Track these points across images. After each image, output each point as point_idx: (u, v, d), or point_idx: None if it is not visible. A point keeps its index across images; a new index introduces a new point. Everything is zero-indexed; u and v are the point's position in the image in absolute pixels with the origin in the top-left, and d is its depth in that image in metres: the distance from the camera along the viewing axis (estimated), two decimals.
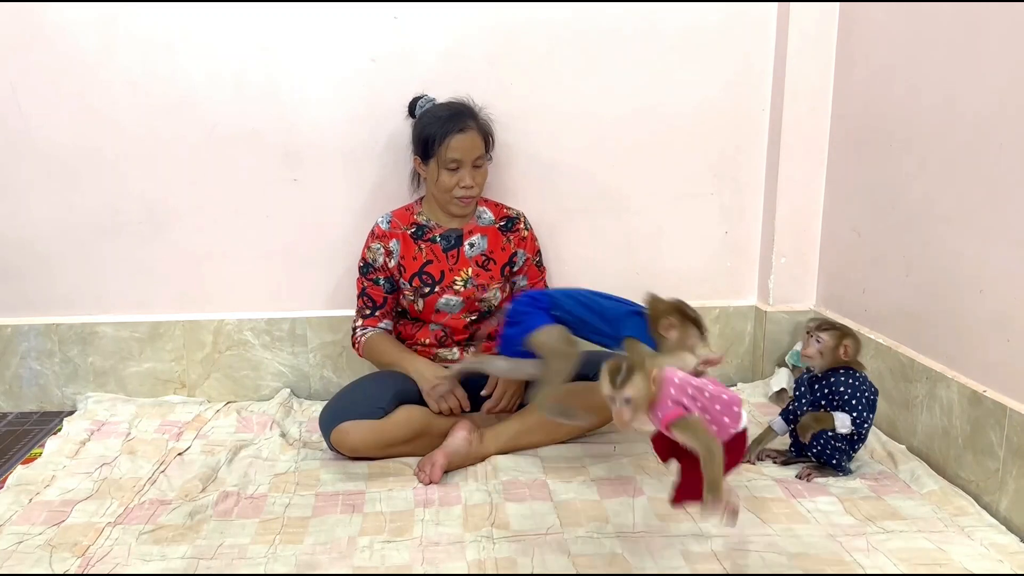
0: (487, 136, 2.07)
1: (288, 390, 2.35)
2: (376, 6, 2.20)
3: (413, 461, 1.90)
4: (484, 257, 2.10)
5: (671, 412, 1.34)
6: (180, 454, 1.98)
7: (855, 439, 1.82)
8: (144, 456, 1.96)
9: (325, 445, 1.94)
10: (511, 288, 2.18)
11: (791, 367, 2.34)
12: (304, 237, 2.33)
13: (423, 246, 2.08)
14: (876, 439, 1.99)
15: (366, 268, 2.10)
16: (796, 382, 1.93)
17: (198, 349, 2.35)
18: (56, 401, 2.35)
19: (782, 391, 2.26)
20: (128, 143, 2.23)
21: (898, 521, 1.64)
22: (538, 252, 2.22)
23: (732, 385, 2.43)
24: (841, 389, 1.80)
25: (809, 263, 2.42)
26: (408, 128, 2.14)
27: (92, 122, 2.21)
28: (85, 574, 1.48)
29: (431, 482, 1.81)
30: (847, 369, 1.83)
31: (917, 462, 1.86)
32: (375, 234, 2.10)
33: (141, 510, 1.71)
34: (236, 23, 2.18)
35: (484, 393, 2.02)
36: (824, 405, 1.82)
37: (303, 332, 2.36)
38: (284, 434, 2.09)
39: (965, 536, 1.58)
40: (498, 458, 1.90)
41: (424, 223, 2.10)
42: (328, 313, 2.36)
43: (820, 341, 1.84)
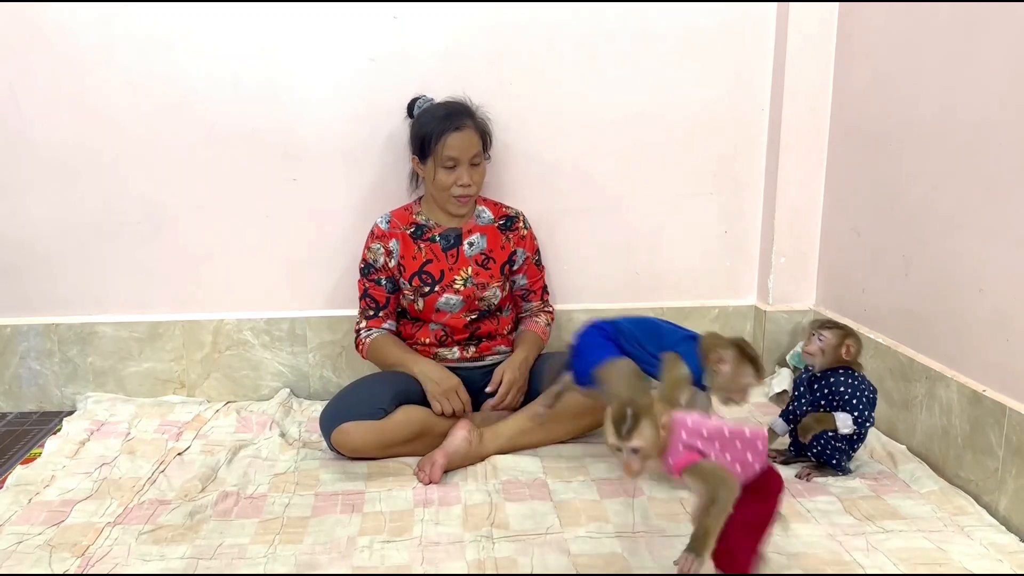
0: (484, 134, 2.07)
1: (288, 390, 2.35)
2: (375, 6, 2.20)
3: (413, 461, 1.90)
4: (484, 256, 2.10)
5: (683, 458, 1.23)
6: (180, 454, 1.98)
7: (855, 439, 1.82)
8: (144, 456, 1.96)
9: (325, 445, 1.94)
10: (511, 287, 2.18)
11: (792, 368, 2.34)
12: (303, 237, 2.33)
13: (423, 246, 2.08)
14: (876, 439, 1.99)
15: (367, 269, 2.10)
16: (795, 382, 1.93)
17: (197, 349, 2.35)
18: (55, 401, 2.35)
19: (783, 392, 2.26)
20: (127, 143, 2.23)
21: (898, 521, 1.64)
22: (537, 251, 2.22)
23: None
24: (841, 389, 1.80)
25: (808, 263, 2.42)
26: (407, 128, 2.14)
27: (91, 122, 2.21)
28: (85, 574, 1.48)
29: (431, 482, 1.81)
30: (846, 369, 1.82)
31: (917, 462, 1.87)
32: (375, 234, 2.10)
33: (141, 510, 1.71)
34: (235, 23, 2.18)
35: (489, 390, 2.02)
36: (824, 405, 1.82)
37: (303, 332, 2.36)
38: (284, 434, 2.09)
39: (965, 536, 1.58)
40: (498, 458, 1.90)
41: (423, 223, 2.10)
42: (328, 313, 2.36)
43: (822, 339, 1.84)
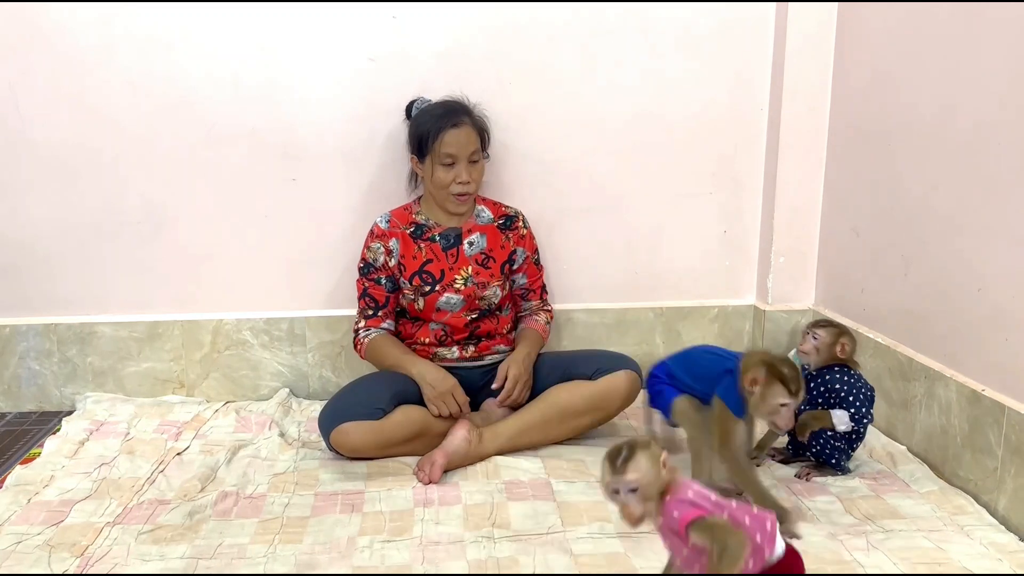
0: (482, 132, 2.07)
1: (287, 390, 2.35)
2: (374, 6, 2.20)
3: (412, 461, 1.90)
4: (484, 255, 2.10)
5: (690, 512, 1.14)
6: (179, 454, 1.98)
7: (854, 438, 1.82)
8: (143, 456, 1.96)
9: (324, 445, 1.94)
10: (511, 286, 2.18)
11: None
12: (303, 237, 2.32)
13: (422, 245, 2.08)
14: (875, 438, 1.99)
15: (367, 268, 2.10)
16: None
17: (197, 349, 2.35)
18: (55, 401, 2.35)
19: None
20: (127, 143, 2.23)
21: (897, 520, 1.64)
22: (536, 250, 2.22)
23: None
24: (837, 387, 1.80)
25: (808, 262, 2.42)
26: (406, 129, 2.14)
27: (91, 122, 2.21)
28: (84, 574, 1.48)
29: (431, 482, 1.81)
30: (842, 367, 1.83)
31: (916, 462, 1.87)
32: (374, 234, 2.10)
33: (140, 510, 1.71)
34: (235, 23, 2.18)
35: (495, 386, 2.02)
36: (821, 403, 1.82)
37: (302, 332, 2.36)
38: (283, 434, 2.09)
39: (964, 535, 1.58)
40: (499, 457, 1.91)
41: (423, 222, 2.10)
42: (327, 313, 2.36)
43: (817, 338, 1.84)
